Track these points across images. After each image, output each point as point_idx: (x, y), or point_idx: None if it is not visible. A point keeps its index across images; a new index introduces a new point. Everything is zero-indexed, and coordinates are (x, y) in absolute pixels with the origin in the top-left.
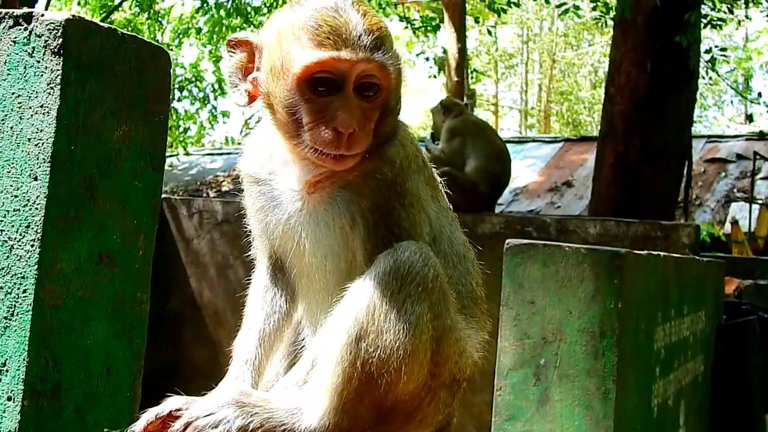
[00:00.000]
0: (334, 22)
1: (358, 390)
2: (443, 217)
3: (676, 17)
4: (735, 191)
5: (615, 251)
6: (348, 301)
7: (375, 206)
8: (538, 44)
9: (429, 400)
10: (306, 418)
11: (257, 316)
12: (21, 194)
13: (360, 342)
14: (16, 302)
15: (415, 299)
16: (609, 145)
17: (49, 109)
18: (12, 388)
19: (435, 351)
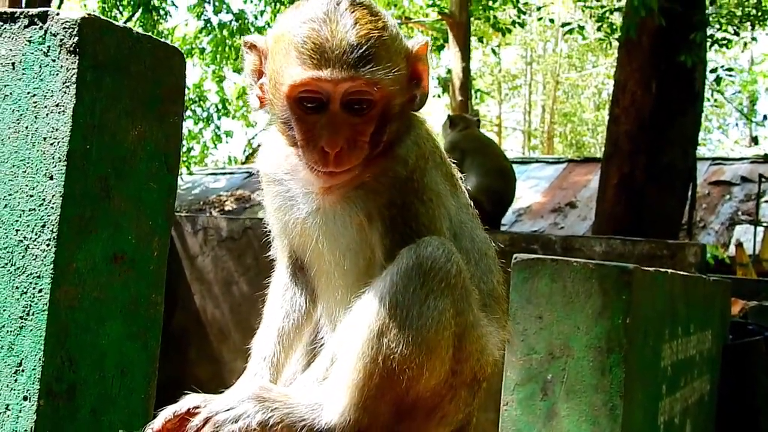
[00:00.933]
0: (318, 37)
1: (379, 386)
2: (463, 213)
3: (681, 38)
4: (739, 214)
5: (623, 267)
6: (370, 296)
7: (391, 203)
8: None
9: (450, 397)
10: (326, 414)
11: (276, 314)
12: (36, 193)
13: (382, 337)
14: (32, 302)
15: (438, 295)
16: (613, 166)
17: (64, 108)
18: (28, 387)
19: (457, 347)
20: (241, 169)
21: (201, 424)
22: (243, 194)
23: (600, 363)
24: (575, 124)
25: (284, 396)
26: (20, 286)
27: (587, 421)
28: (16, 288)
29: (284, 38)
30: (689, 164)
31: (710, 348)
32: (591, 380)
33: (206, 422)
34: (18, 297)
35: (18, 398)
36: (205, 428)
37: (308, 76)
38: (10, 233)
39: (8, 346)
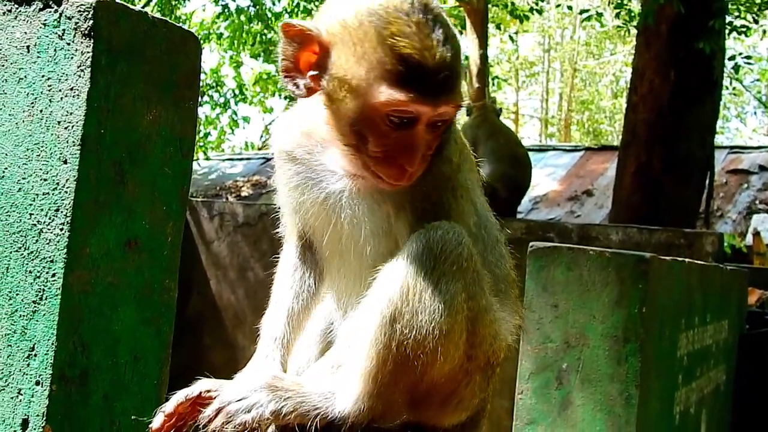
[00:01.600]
0: (419, 56)
1: (393, 373)
2: (479, 199)
3: (700, 25)
4: (757, 203)
5: (640, 255)
6: (381, 282)
7: (426, 197)
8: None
9: (466, 382)
10: (339, 403)
11: (286, 294)
12: (50, 177)
13: (395, 323)
14: (45, 286)
15: (450, 278)
16: (631, 154)
17: (79, 92)
18: (41, 372)
19: (471, 332)
20: (258, 155)
21: (213, 415)
22: (259, 180)
23: (616, 352)
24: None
25: (297, 385)
26: (33, 270)
27: (602, 410)
28: (30, 272)
29: (370, 44)
30: (707, 153)
31: (727, 338)
32: (607, 369)
33: (218, 412)
34: (31, 281)
35: (30, 383)
36: (217, 419)
37: (408, 100)
38: (24, 217)
39: (21, 330)
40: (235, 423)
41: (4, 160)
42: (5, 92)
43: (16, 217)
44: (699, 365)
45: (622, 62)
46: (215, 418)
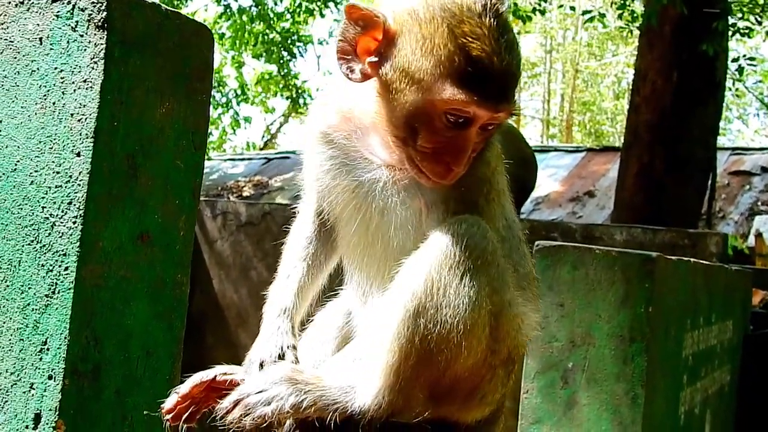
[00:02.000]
0: (487, 61)
1: (415, 368)
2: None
3: (703, 26)
4: (759, 204)
5: (647, 255)
6: (405, 275)
7: (461, 198)
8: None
9: (489, 377)
10: (359, 397)
11: (298, 266)
12: (63, 170)
13: (418, 317)
14: (58, 280)
15: (474, 273)
16: (633, 155)
17: (92, 84)
18: (53, 366)
19: (494, 326)
20: (260, 155)
21: (231, 406)
22: (261, 180)
23: (622, 352)
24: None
25: (316, 378)
26: (46, 263)
27: (608, 410)
28: (42, 266)
29: (437, 37)
30: (709, 154)
31: (731, 338)
32: (612, 369)
33: (237, 404)
34: (44, 275)
35: (43, 377)
36: (235, 410)
37: (471, 101)
38: (36, 210)
39: (33, 324)
40: (254, 415)
41: (17, 152)
42: (18, 85)
43: (28, 210)
44: (704, 365)
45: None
46: (233, 409)
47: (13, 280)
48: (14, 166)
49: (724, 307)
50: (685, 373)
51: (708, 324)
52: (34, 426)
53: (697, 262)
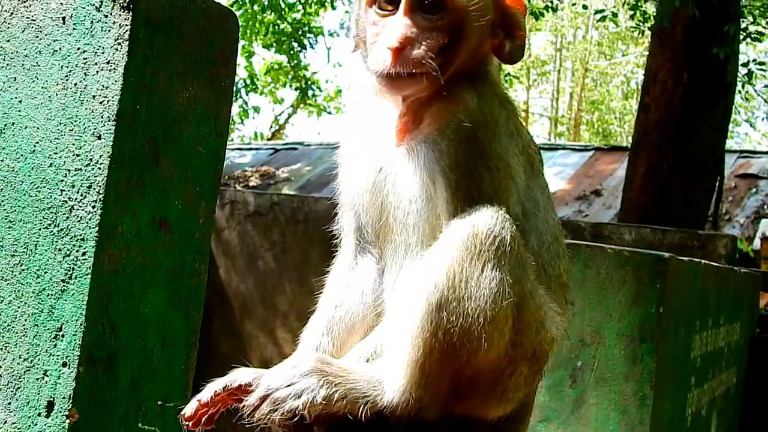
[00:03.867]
0: None
1: (439, 362)
2: (539, 193)
3: (714, 29)
4: (765, 207)
5: (659, 255)
6: (426, 268)
7: (456, 165)
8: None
9: (510, 372)
10: (388, 392)
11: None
12: (83, 153)
13: (441, 311)
14: (75, 265)
15: (495, 263)
16: (641, 155)
17: (115, 66)
18: (68, 353)
19: (516, 318)
20: (267, 145)
21: (258, 402)
22: (268, 170)
23: (631, 352)
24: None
25: (344, 370)
26: (63, 248)
27: (616, 409)
28: (59, 250)
29: None
30: (718, 156)
31: (738, 340)
32: (622, 369)
33: (264, 400)
34: (60, 259)
35: (57, 364)
36: (263, 406)
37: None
38: (55, 193)
39: (48, 309)
40: (283, 410)
41: (36, 134)
42: (39, 64)
43: (46, 192)
44: (711, 367)
45: (634, 63)
46: (261, 405)
47: (29, 264)
48: (33, 147)
49: (733, 309)
50: (693, 374)
51: (716, 326)
52: (47, 414)
53: (707, 263)
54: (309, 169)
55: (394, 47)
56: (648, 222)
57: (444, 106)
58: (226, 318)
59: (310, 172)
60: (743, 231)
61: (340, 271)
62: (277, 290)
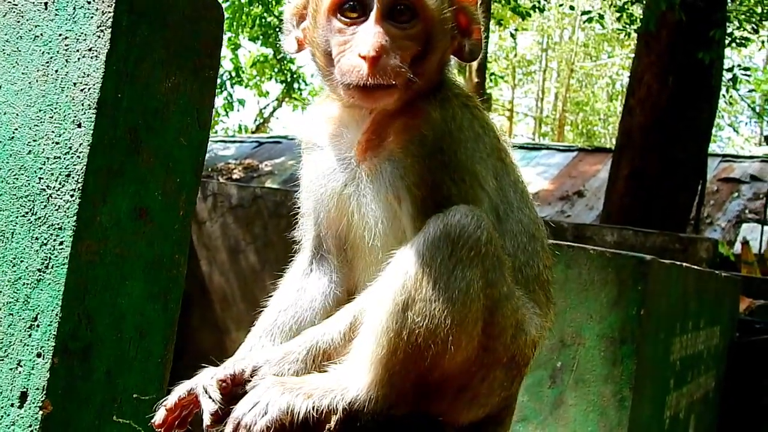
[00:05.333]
0: None
1: (403, 362)
2: (511, 191)
3: (700, 33)
4: (747, 212)
5: (641, 257)
6: (395, 267)
7: (422, 181)
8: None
9: (481, 377)
10: (351, 389)
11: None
12: (63, 141)
13: (407, 311)
14: (52, 254)
15: (467, 265)
16: (625, 157)
17: (97, 54)
18: (42, 344)
19: (488, 322)
20: (251, 138)
21: None
22: (251, 163)
23: (612, 353)
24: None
25: (302, 380)
26: (40, 237)
27: (595, 411)
28: (36, 239)
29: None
30: (701, 160)
31: (718, 344)
32: (601, 370)
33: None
34: (37, 248)
35: (31, 354)
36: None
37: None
38: (33, 181)
39: (24, 299)
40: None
41: (15, 120)
42: (19, 50)
43: (24, 180)
44: (690, 370)
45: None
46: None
47: (5, 252)
48: (12, 134)
49: (713, 313)
50: (672, 377)
51: (696, 329)
52: (19, 404)
53: (689, 267)
54: (293, 163)
55: (371, 56)
56: (630, 224)
57: (406, 121)
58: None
59: (294, 166)
60: (724, 235)
61: (295, 275)
62: (258, 284)
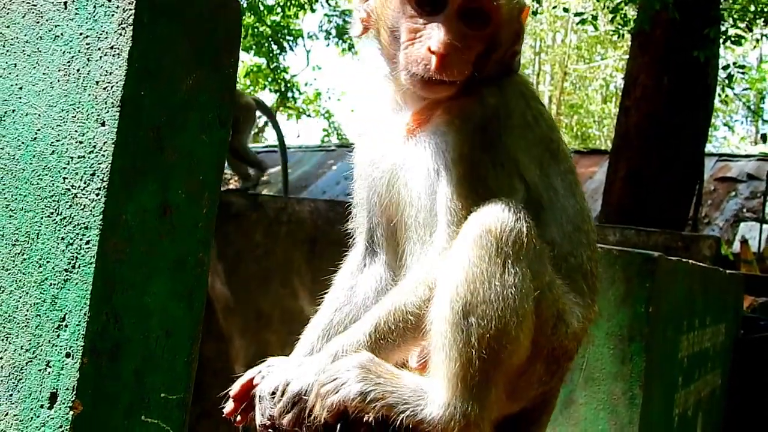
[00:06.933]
0: None
1: (482, 370)
2: (558, 181)
3: (694, 32)
4: (744, 211)
5: (648, 254)
6: (445, 274)
7: (461, 158)
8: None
9: (523, 370)
10: (430, 405)
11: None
12: (87, 140)
13: (469, 317)
14: (78, 254)
15: (515, 259)
16: (622, 158)
17: (119, 51)
18: (71, 344)
19: (534, 314)
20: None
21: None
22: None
23: (621, 351)
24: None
25: (391, 374)
26: (66, 237)
27: (605, 409)
28: (62, 239)
29: None
30: (697, 159)
31: (723, 341)
32: (611, 368)
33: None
34: (63, 248)
35: (60, 355)
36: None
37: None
38: (57, 181)
39: (51, 299)
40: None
41: (38, 121)
42: (40, 50)
43: (48, 180)
44: (698, 368)
45: (613, 67)
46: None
47: (31, 253)
48: (35, 134)
49: (718, 310)
50: (680, 374)
51: (703, 326)
52: (49, 405)
53: (694, 264)
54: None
55: (441, 53)
56: (628, 224)
57: (460, 101)
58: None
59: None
60: (722, 234)
61: (347, 272)
62: (260, 293)
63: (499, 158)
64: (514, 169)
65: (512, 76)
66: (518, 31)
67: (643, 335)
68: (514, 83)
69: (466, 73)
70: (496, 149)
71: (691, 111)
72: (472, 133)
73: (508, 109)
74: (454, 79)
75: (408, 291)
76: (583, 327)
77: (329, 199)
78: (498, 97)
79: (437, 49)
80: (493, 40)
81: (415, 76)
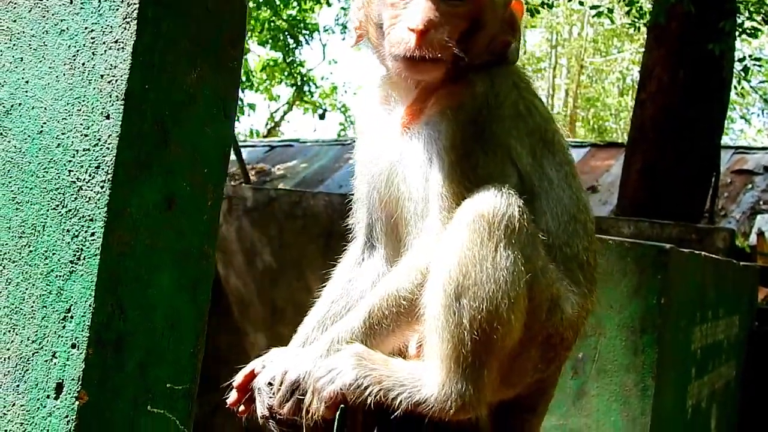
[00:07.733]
0: None
1: (475, 351)
2: (552, 171)
3: (710, 25)
4: (761, 203)
5: (660, 246)
6: (438, 258)
7: (453, 146)
8: (567, 49)
9: (516, 353)
10: (426, 387)
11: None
12: (92, 133)
13: (461, 299)
14: (84, 246)
15: (507, 242)
16: (638, 151)
17: (124, 45)
18: (77, 335)
19: (528, 297)
20: (263, 143)
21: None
22: (263, 168)
23: (633, 343)
24: (598, 108)
25: (384, 360)
26: (71, 229)
27: (617, 401)
28: (67, 231)
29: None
30: (713, 152)
31: (737, 333)
32: (623, 360)
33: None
34: (68, 240)
35: (66, 346)
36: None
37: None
38: (63, 174)
39: (57, 291)
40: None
41: (43, 114)
42: (46, 44)
43: (54, 173)
44: (711, 360)
45: (629, 60)
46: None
47: (37, 245)
48: (40, 128)
49: (732, 302)
50: (693, 366)
51: (716, 318)
52: (55, 395)
53: (707, 256)
54: (305, 167)
55: (419, 29)
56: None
57: (451, 89)
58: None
59: (306, 170)
60: (739, 227)
61: (346, 265)
62: (275, 287)
63: (491, 145)
64: (506, 156)
65: (505, 66)
66: (510, 22)
67: (656, 327)
68: (507, 73)
69: (449, 49)
70: (487, 137)
71: (706, 104)
72: (463, 121)
73: (499, 97)
74: (438, 56)
75: (401, 276)
76: (579, 315)
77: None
78: (488, 84)
79: (415, 26)
80: (475, 19)
81: (398, 58)
